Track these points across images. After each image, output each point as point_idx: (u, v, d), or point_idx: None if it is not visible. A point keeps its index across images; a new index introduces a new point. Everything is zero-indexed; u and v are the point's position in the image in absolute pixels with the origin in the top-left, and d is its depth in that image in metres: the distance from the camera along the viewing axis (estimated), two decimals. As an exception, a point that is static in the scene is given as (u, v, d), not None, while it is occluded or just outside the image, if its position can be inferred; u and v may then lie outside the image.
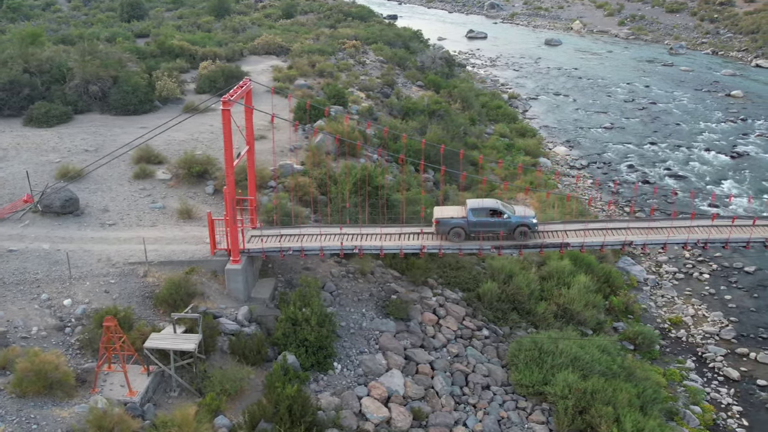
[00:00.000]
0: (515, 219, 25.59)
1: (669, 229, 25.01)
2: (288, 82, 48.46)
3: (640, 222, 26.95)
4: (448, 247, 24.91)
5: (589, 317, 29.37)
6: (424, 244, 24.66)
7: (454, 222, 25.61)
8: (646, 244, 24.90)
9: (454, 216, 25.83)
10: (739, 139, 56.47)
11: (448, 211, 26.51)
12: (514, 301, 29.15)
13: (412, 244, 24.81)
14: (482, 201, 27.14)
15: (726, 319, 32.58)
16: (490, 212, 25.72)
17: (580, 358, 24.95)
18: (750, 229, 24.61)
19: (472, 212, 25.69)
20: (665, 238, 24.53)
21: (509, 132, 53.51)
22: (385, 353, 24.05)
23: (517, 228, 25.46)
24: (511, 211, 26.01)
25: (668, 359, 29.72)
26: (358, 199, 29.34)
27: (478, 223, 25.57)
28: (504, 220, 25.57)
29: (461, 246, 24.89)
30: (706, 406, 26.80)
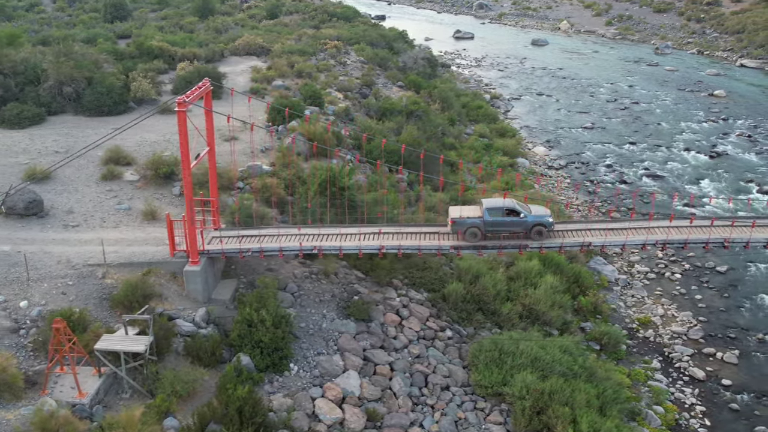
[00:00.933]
0: (531, 218, 25.51)
1: (628, 230, 25.05)
2: (266, 83, 48.39)
3: (604, 223, 26.91)
4: (407, 247, 24.87)
5: (554, 317, 29.36)
6: (383, 244, 24.64)
7: (470, 222, 25.50)
8: (605, 245, 24.98)
9: (470, 216, 25.71)
10: (719, 138, 56.59)
11: (464, 210, 26.41)
12: (480, 302, 29.13)
13: (371, 244, 24.77)
14: (498, 200, 27.00)
15: (695, 319, 32.62)
16: (506, 212, 25.65)
17: (541, 359, 24.94)
18: (709, 229, 24.65)
19: (488, 212, 25.58)
20: (624, 240, 24.61)
21: (489, 132, 53.53)
22: (343, 354, 23.99)
23: (533, 227, 25.38)
24: (527, 210, 25.98)
25: (634, 359, 29.75)
26: (325, 199, 29.33)
27: (495, 222, 25.45)
28: (520, 219, 25.47)
29: (420, 246, 24.88)
30: (669, 406, 26.82)
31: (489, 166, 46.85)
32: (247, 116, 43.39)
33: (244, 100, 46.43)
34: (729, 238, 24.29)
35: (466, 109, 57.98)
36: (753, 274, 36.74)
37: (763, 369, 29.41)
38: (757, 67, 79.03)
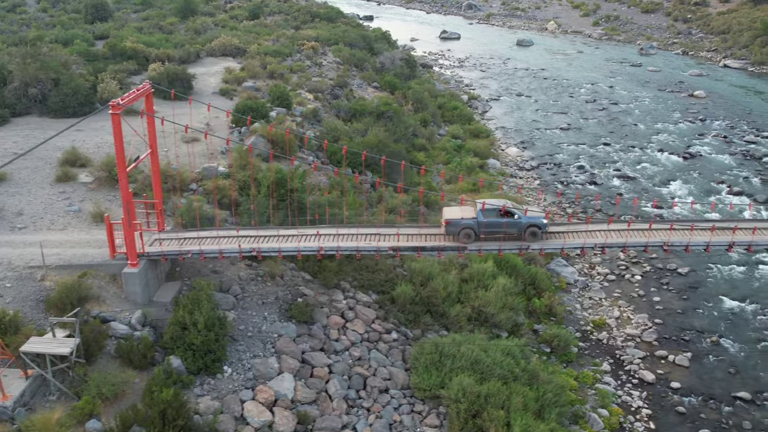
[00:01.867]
0: (525, 220, 25.56)
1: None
2: (236, 84, 48.39)
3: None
4: (345, 248, 24.82)
5: (503, 320, 29.26)
6: (321, 245, 24.60)
7: (465, 223, 25.54)
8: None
9: (464, 216, 25.81)
10: (695, 139, 56.40)
11: (458, 211, 26.49)
12: (429, 304, 29.08)
13: (310, 245, 24.73)
14: (492, 201, 27.08)
15: (650, 322, 32.49)
16: (500, 213, 25.78)
17: (481, 362, 24.83)
18: (648, 232, 24.60)
19: (482, 213, 25.69)
20: (562, 243, 24.65)
21: (463, 133, 53.43)
22: (280, 357, 23.93)
23: (527, 228, 25.42)
24: (521, 211, 26.04)
25: (584, 362, 29.63)
26: (275, 201, 29.30)
27: (489, 223, 25.51)
28: (515, 220, 25.54)
29: (358, 247, 24.82)
30: (614, 410, 26.70)
31: (458, 167, 46.80)
32: (212, 118, 43.73)
33: (212, 100, 46.57)
34: (668, 241, 24.29)
35: (442, 110, 57.88)
36: (714, 275, 36.60)
37: (714, 372, 29.30)
38: (740, 68, 78.75)
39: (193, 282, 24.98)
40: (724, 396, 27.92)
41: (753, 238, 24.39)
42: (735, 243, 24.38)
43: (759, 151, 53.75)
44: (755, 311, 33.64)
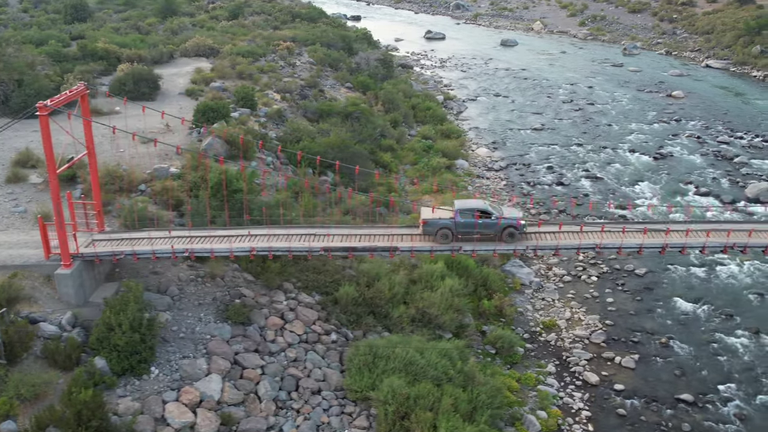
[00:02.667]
0: (503, 220, 25.63)
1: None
2: (204, 85, 48.39)
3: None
4: (276, 249, 24.77)
5: (447, 321, 29.17)
6: (254, 246, 24.57)
7: (442, 223, 25.61)
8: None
9: (441, 217, 25.83)
10: (668, 139, 56.21)
11: (436, 211, 26.47)
12: (372, 305, 29.01)
13: (242, 246, 24.71)
14: (469, 202, 27.16)
15: (601, 323, 32.37)
16: (477, 213, 25.75)
17: (415, 363, 24.74)
18: (600, 235, 24.71)
19: (459, 213, 25.69)
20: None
21: (434, 133, 53.35)
22: (211, 358, 23.84)
23: (505, 229, 25.46)
24: (498, 212, 26.07)
25: (529, 363, 29.50)
26: (220, 202, 29.26)
27: (466, 224, 25.54)
28: (492, 221, 25.57)
29: (290, 248, 24.76)
30: (553, 411, 26.58)
31: (425, 167, 46.71)
32: (175, 118, 43.67)
33: (178, 101, 46.64)
34: (622, 244, 24.54)
35: (415, 110, 57.80)
36: (671, 276, 36.46)
37: (659, 374, 29.17)
38: (721, 68, 78.46)
39: (122, 283, 24.96)
40: (667, 398, 27.81)
41: (707, 240, 24.75)
42: (686, 245, 24.67)
43: (730, 151, 53.54)
44: (708, 313, 33.51)
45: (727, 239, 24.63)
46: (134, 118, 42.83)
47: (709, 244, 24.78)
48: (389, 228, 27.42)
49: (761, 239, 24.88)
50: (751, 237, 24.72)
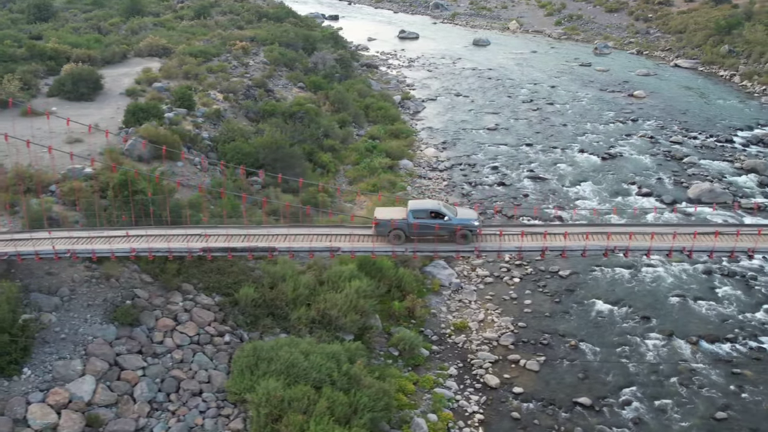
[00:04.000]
0: (456, 221, 25.65)
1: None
2: (147, 85, 48.34)
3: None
4: (156, 250, 24.69)
5: (348, 323, 28.95)
6: (134, 247, 24.49)
7: (395, 223, 25.57)
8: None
9: (394, 217, 25.78)
10: (621, 140, 55.83)
11: (389, 212, 26.47)
12: (273, 306, 28.89)
13: (122, 247, 24.63)
14: (423, 202, 27.28)
15: (513, 325, 32.11)
16: (431, 214, 25.70)
17: (298, 365, 24.58)
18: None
19: (412, 213, 25.63)
20: None
21: (383, 133, 53.15)
22: (89, 359, 23.74)
23: (458, 231, 25.50)
24: (452, 213, 26.01)
25: (432, 365, 29.26)
26: (122, 203, 29.19)
27: (419, 224, 25.52)
28: (445, 222, 25.55)
29: (170, 248, 24.65)
30: (444, 414, 26.35)
31: (366, 168, 46.52)
32: (108, 118, 43.71)
33: (117, 101, 46.58)
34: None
35: (369, 110, 57.62)
36: (594, 278, 36.17)
37: (563, 377, 28.90)
38: (690, 68, 77.90)
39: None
40: (565, 401, 27.55)
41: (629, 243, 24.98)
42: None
43: (681, 151, 53.14)
44: (625, 315, 33.21)
45: (651, 242, 24.88)
46: (74, 118, 43.07)
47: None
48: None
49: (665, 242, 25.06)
50: (654, 239, 24.96)
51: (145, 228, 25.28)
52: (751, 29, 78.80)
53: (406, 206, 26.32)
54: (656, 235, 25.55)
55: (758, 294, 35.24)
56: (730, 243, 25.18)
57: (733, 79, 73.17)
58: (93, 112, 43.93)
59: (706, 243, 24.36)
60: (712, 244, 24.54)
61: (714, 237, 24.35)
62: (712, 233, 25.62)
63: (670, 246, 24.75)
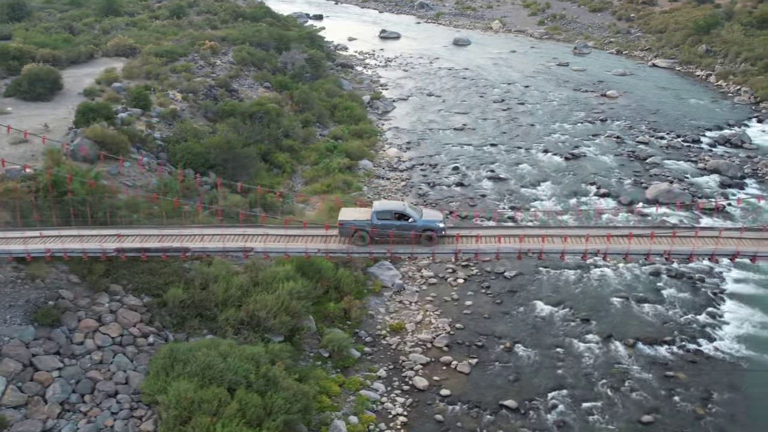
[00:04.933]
0: (421, 223, 25.65)
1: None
2: (107, 85, 48.29)
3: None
4: (71, 250, 24.62)
5: (277, 324, 28.82)
6: (49, 248, 24.44)
7: (358, 224, 25.57)
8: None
9: (358, 218, 25.77)
10: (587, 140, 55.53)
11: (353, 213, 26.47)
12: (201, 307, 28.80)
13: (38, 247, 24.59)
14: (388, 203, 27.27)
15: (450, 326, 31.94)
16: (395, 215, 25.75)
17: (214, 367, 24.50)
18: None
19: (376, 215, 25.65)
20: None
21: (347, 133, 53.02)
22: (2, 360, 23.68)
23: (423, 232, 25.51)
24: (417, 214, 26.00)
25: (362, 367, 29.11)
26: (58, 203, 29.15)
27: (383, 226, 25.55)
28: (409, 223, 25.57)
29: (84, 249, 24.57)
30: (366, 417, 26.22)
31: (324, 168, 46.39)
32: (61, 118, 43.70)
33: (75, 101, 46.48)
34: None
35: (336, 110, 57.50)
36: (540, 279, 35.96)
37: (493, 379, 28.73)
38: (667, 67, 77.50)
39: None
40: (492, 404, 27.38)
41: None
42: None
43: (646, 151, 52.83)
44: (564, 317, 33.00)
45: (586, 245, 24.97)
46: (28, 118, 43.19)
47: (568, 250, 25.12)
48: (223, 228, 27.26)
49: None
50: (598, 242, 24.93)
51: (59, 229, 25.19)
52: (729, 29, 78.41)
53: (370, 207, 26.32)
54: (569, 238, 25.36)
55: (704, 296, 35.03)
56: (646, 246, 25.01)
57: (709, 78, 72.77)
58: (47, 112, 43.93)
59: (620, 246, 24.18)
60: (627, 246, 24.37)
61: (628, 239, 24.14)
62: (626, 235, 25.44)
63: (584, 249, 24.56)
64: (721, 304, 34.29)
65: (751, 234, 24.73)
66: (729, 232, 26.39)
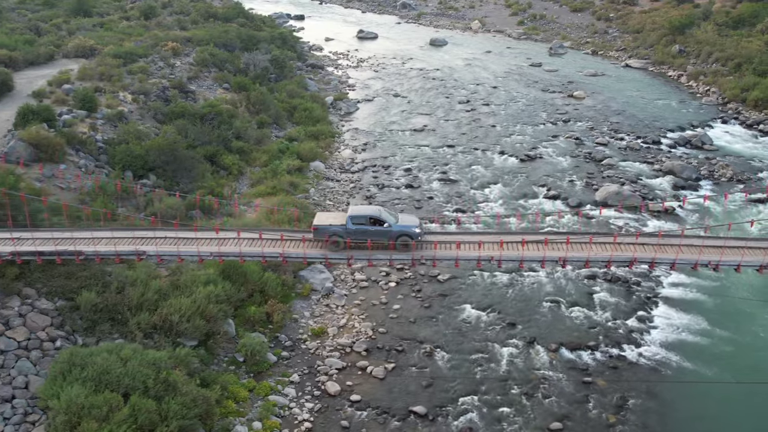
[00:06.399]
0: (397, 228, 25.62)
1: None
2: (57, 86, 48.20)
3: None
4: None
5: (189, 329, 28.61)
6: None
7: (333, 229, 25.60)
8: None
9: (332, 223, 25.80)
10: (546, 141, 55.11)
11: (328, 217, 26.49)
12: (114, 311, 28.64)
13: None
14: (362, 208, 27.22)
15: (373, 330, 31.69)
16: (370, 220, 25.74)
17: (111, 372, 24.33)
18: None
19: (351, 220, 25.63)
20: None
21: (303, 135, 52.79)
22: None
23: (399, 238, 25.54)
24: (393, 220, 25.95)
25: (275, 372, 28.87)
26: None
27: (358, 231, 25.56)
28: (384, 229, 25.53)
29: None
30: (271, 422, 26.00)
31: (272, 170, 46.16)
32: (4, 120, 43.64)
33: (24, 102, 46.44)
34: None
35: (296, 111, 57.29)
36: (472, 283, 35.67)
37: (407, 384, 28.48)
38: (640, 67, 76.88)
39: None
40: (401, 410, 27.14)
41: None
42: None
43: (602, 153, 52.38)
44: (491, 321, 32.71)
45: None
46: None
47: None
48: (113, 231, 27.27)
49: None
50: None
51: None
52: (704, 29, 77.77)
53: (345, 212, 26.45)
54: (483, 244, 25.23)
55: (637, 300, 34.67)
56: (561, 252, 24.77)
57: (680, 79, 72.13)
58: (-5, 113, 43.96)
59: (535, 253, 23.99)
60: (543, 253, 24.18)
61: (545, 245, 23.94)
62: (542, 241, 25.24)
63: (492, 256, 24.35)
64: (654, 309, 33.96)
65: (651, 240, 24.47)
66: (645, 238, 26.20)
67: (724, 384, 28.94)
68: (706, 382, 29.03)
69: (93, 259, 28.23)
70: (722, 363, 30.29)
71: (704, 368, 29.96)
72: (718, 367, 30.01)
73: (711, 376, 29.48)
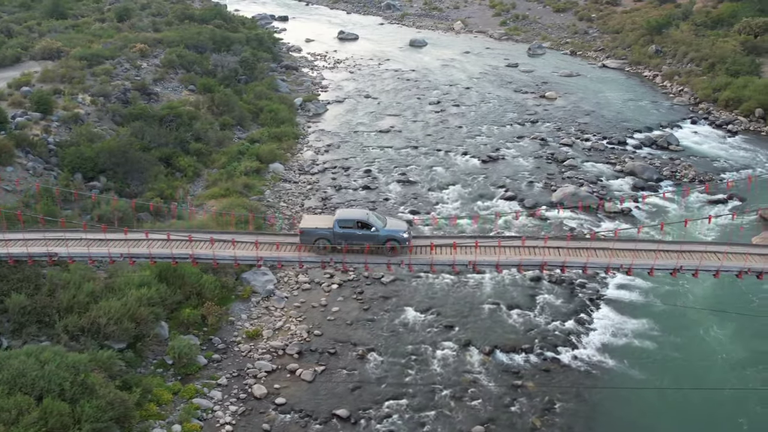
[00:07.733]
0: (384, 232, 25.71)
1: None
2: (16, 88, 48.30)
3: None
4: None
5: (117, 331, 28.54)
6: None
7: (320, 233, 25.62)
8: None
9: (319, 226, 25.83)
10: (510, 142, 54.85)
11: (315, 221, 26.62)
12: (42, 314, 28.61)
13: None
14: (350, 212, 27.44)
15: (308, 333, 31.57)
16: (357, 224, 25.76)
17: (27, 375, 24.28)
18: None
19: (338, 223, 25.63)
20: None
21: (266, 136, 52.72)
22: None
23: (386, 242, 25.63)
24: (380, 224, 26.02)
25: (203, 375, 28.75)
26: None
27: (345, 235, 25.61)
28: (372, 233, 25.63)
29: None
30: (191, 425, 25.90)
31: (229, 173, 46.10)
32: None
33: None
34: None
35: (263, 112, 57.24)
36: (416, 285, 35.51)
37: (335, 387, 28.37)
38: (617, 68, 76.46)
39: None
40: (324, 413, 27.00)
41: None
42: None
43: (566, 154, 52.13)
44: (428, 323, 32.53)
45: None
46: None
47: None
48: (24, 233, 27.24)
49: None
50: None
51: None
52: (680, 29, 77.35)
53: (333, 216, 26.50)
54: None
55: (579, 302, 34.43)
56: (471, 257, 24.70)
57: (655, 79, 71.70)
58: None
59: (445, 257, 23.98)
60: (453, 258, 24.21)
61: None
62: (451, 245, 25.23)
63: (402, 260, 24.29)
64: (595, 311, 33.73)
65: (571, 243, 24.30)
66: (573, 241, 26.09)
67: (659, 390, 28.70)
68: (639, 388, 28.76)
69: (25, 261, 28.28)
70: (659, 368, 30.04)
71: (640, 373, 29.71)
72: (654, 372, 29.75)
73: (645, 381, 29.21)
